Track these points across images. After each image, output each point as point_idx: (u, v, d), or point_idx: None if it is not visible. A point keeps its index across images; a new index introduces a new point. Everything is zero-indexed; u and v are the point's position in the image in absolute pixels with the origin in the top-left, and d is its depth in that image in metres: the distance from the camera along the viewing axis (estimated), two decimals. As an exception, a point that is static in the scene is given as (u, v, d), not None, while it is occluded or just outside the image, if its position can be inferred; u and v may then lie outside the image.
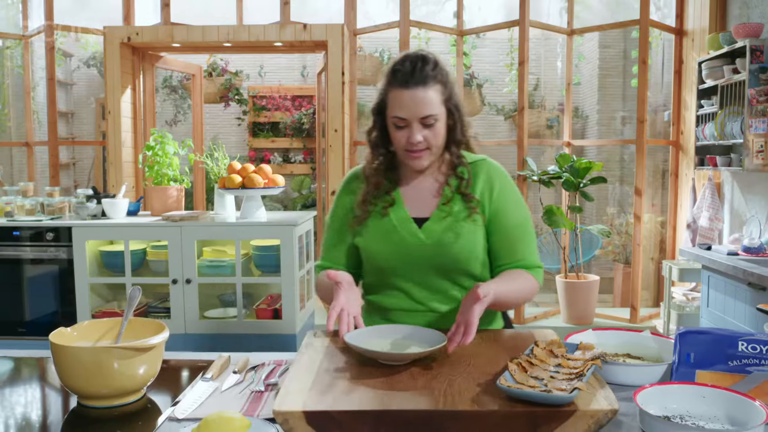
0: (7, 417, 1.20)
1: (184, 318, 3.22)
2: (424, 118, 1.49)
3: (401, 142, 1.52)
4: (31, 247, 3.27)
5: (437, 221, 1.56)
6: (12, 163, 6.56)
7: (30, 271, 3.30)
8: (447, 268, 1.56)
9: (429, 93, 1.48)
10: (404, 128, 1.51)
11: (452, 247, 1.54)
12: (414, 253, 1.55)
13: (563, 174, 4.42)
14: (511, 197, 1.61)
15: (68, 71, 7.13)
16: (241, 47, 4.78)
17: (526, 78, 4.53)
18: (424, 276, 1.57)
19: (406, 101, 1.48)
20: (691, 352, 1.27)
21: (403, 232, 1.56)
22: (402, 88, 1.48)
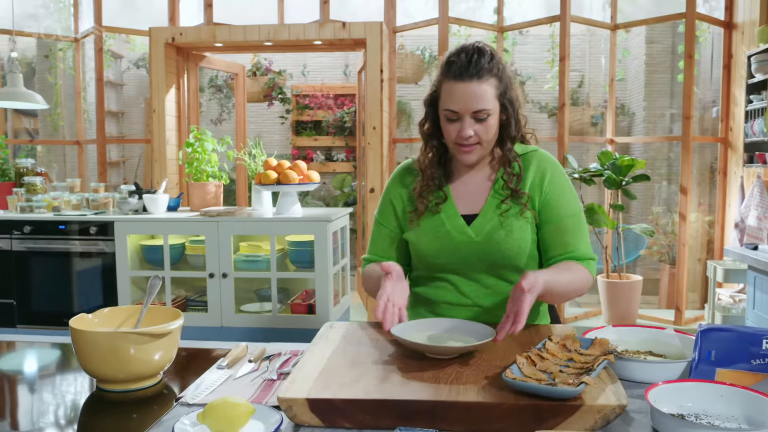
0: (32, 400, 1.24)
1: (220, 311, 3.28)
2: (477, 112, 1.45)
3: (452, 136, 1.50)
4: (76, 241, 3.39)
5: (486, 218, 1.54)
6: (65, 161, 6.81)
7: (76, 264, 3.42)
8: (496, 265, 1.55)
9: (483, 87, 1.44)
10: (456, 121, 1.48)
11: (501, 244, 1.52)
12: (463, 250, 1.54)
13: (605, 171, 4.33)
14: (563, 187, 1.57)
15: (119, 72, 7.35)
16: (281, 46, 4.84)
17: (567, 74, 4.45)
18: (473, 271, 1.57)
19: (459, 94, 1.45)
20: (712, 350, 1.23)
21: (452, 229, 1.55)
22: (456, 80, 1.45)
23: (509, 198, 1.54)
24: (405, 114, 7.10)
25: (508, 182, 1.55)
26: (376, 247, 1.67)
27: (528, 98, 6.64)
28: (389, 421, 1.03)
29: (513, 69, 6.38)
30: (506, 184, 1.55)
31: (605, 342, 1.23)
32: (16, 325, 3.44)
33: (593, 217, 4.35)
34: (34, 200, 3.50)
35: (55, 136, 6.29)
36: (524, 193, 1.54)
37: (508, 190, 1.55)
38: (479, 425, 1.02)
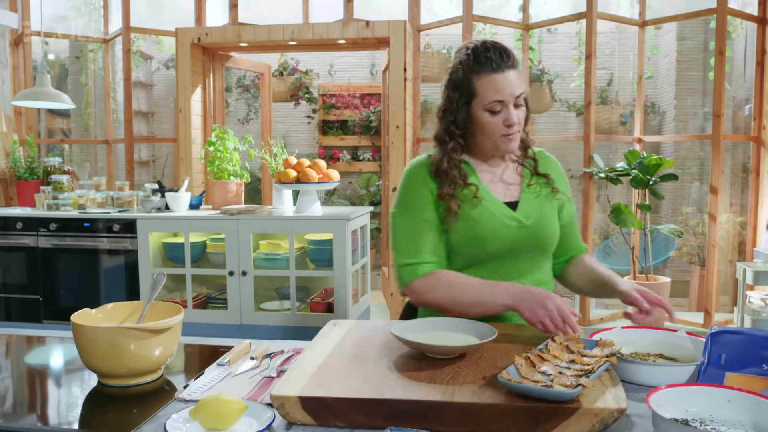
0: (35, 394, 1.26)
1: (240, 309, 3.30)
2: (518, 97, 1.52)
3: (498, 127, 1.53)
4: (100, 238, 3.44)
5: (528, 204, 1.60)
6: (96, 160, 6.93)
7: (100, 261, 3.48)
8: (538, 249, 1.60)
9: (518, 75, 1.53)
10: (499, 113, 1.52)
11: (547, 228, 1.60)
12: (514, 236, 1.56)
13: (632, 171, 4.24)
14: (569, 188, 1.71)
15: (148, 73, 7.46)
16: (305, 45, 4.85)
17: (593, 72, 4.37)
18: (514, 260, 1.59)
19: (501, 84, 1.50)
20: (722, 353, 1.18)
21: (501, 216, 1.56)
22: (494, 72, 1.50)
23: (541, 183, 1.63)
24: (431, 113, 7.06)
25: (536, 167, 1.64)
26: (425, 245, 1.55)
27: (556, 97, 6.54)
28: (382, 421, 1.02)
29: (540, 67, 6.31)
30: (534, 168, 1.64)
31: (609, 344, 1.19)
32: (42, 320, 3.51)
33: (620, 217, 4.27)
34: (61, 198, 3.57)
35: (86, 135, 6.41)
36: (549, 176, 1.64)
37: (537, 176, 1.63)
38: (474, 426, 1.00)
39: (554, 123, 6.67)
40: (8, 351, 1.55)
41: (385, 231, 4.85)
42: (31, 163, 3.85)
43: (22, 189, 3.78)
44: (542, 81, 6.17)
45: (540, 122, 6.70)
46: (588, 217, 4.44)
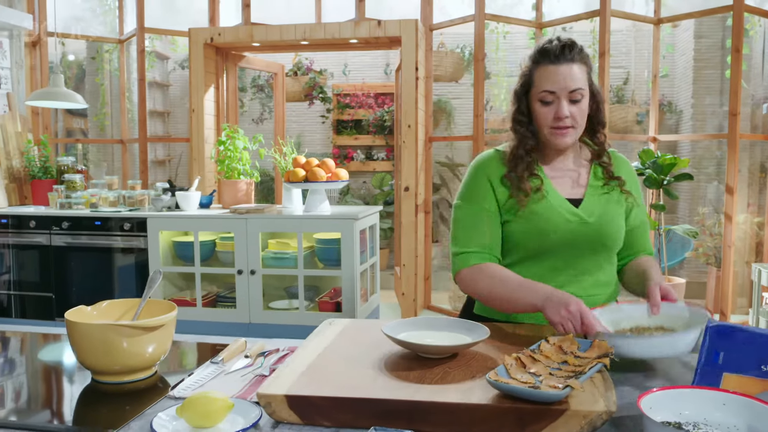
0: (30, 390, 1.27)
1: (248, 308, 3.31)
2: (573, 92, 1.51)
3: (548, 119, 1.54)
4: (111, 237, 3.47)
5: (593, 202, 1.59)
6: (113, 159, 7.00)
7: (111, 259, 3.51)
8: (600, 247, 1.58)
9: (578, 69, 1.52)
10: (551, 104, 1.53)
11: (611, 225, 1.58)
12: (574, 231, 1.55)
13: (646, 171, 4.19)
14: (640, 193, 1.70)
15: (165, 73, 7.52)
16: (317, 45, 4.86)
17: (606, 71, 4.33)
18: (574, 257, 1.57)
19: (555, 75, 1.51)
20: (720, 351, 1.15)
21: (563, 211, 1.56)
22: (551, 64, 1.52)
23: (609, 184, 1.61)
24: (444, 112, 7.03)
25: (608, 168, 1.61)
26: (480, 236, 1.57)
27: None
28: (368, 421, 1.01)
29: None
30: (605, 170, 1.61)
31: (603, 345, 1.17)
32: (55, 318, 3.55)
33: (633, 217, 4.22)
34: (73, 197, 3.61)
35: (102, 135, 6.47)
36: (623, 180, 1.61)
37: (607, 177, 1.61)
38: (460, 427, 0.99)
39: (569, 122, 6.61)
40: (12, 348, 1.56)
41: (398, 231, 4.84)
42: (44, 163, 3.89)
43: (36, 188, 3.83)
44: (557, 80, 6.11)
45: (555, 121, 6.64)
46: (601, 217, 4.39)
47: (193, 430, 1.01)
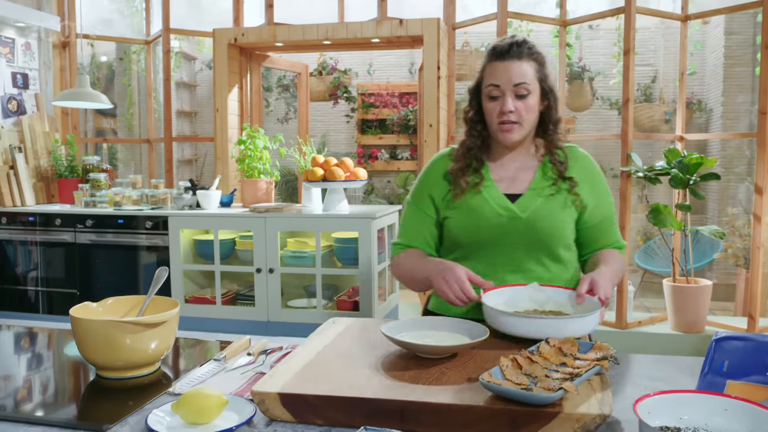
0: (34, 386, 1.30)
1: (267, 306, 3.33)
2: (517, 86, 1.54)
3: (494, 114, 1.57)
4: (133, 235, 3.53)
5: (531, 198, 1.60)
6: (141, 158, 7.11)
7: (133, 257, 3.56)
8: (536, 244, 1.59)
9: (523, 65, 1.55)
10: (497, 98, 1.56)
11: (545, 221, 1.57)
12: (506, 226, 1.58)
13: (671, 170, 4.11)
14: (605, 186, 1.70)
15: (192, 73, 7.61)
16: (339, 45, 4.86)
17: (631, 68, 4.25)
18: (510, 252, 1.60)
19: (500, 70, 1.55)
20: (725, 360, 1.13)
21: (496, 206, 1.59)
22: (498, 60, 1.56)
23: (557, 183, 1.61)
24: (470, 112, 6.99)
25: (557, 166, 1.62)
26: (412, 230, 1.69)
27: (597, 95, 6.40)
28: (360, 420, 1.01)
29: (581, 64, 6.18)
30: (555, 167, 1.62)
31: (605, 347, 1.15)
32: (79, 313, 3.62)
33: (658, 217, 4.14)
34: (98, 195, 3.67)
35: (131, 135, 6.58)
36: (573, 180, 1.61)
37: (555, 175, 1.62)
38: (452, 428, 0.98)
39: (595, 121, 6.52)
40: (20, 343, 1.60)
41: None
42: (71, 162, 3.97)
43: (63, 186, 3.90)
44: (583, 78, 6.04)
45: (581, 120, 6.56)
46: (625, 218, 4.32)
47: (188, 426, 1.02)
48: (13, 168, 3.74)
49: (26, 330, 1.67)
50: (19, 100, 3.95)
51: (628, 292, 4.36)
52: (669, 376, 1.26)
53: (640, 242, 6.19)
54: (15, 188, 3.72)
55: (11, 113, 3.90)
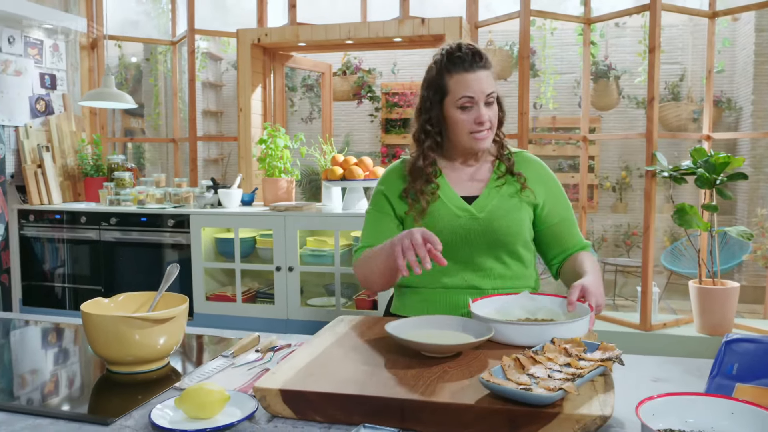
0: (47, 380, 1.32)
1: (286, 304, 3.35)
2: (489, 95, 1.59)
3: (467, 124, 1.60)
4: (156, 233, 3.57)
5: (487, 198, 1.65)
6: (168, 158, 7.21)
7: (156, 255, 3.61)
8: (496, 243, 1.62)
9: (489, 75, 1.61)
10: (470, 109, 1.59)
11: (503, 220, 1.62)
12: (465, 227, 1.62)
13: (697, 170, 4.03)
14: (559, 189, 1.73)
15: (218, 73, 7.70)
16: (362, 44, 4.87)
17: (656, 66, 4.18)
18: (471, 252, 1.63)
19: (472, 82, 1.58)
20: (735, 363, 1.11)
21: (454, 208, 1.64)
22: (468, 72, 1.58)
23: (509, 182, 1.66)
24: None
25: (508, 168, 1.67)
26: (372, 233, 1.70)
27: (623, 93, 6.31)
28: (360, 418, 1.01)
29: (607, 63, 6.10)
30: (506, 169, 1.67)
31: (610, 348, 1.14)
32: (103, 310, 3.68)
33: (684, 218, 4.07)
34: (122, 194, 3.73)
35: (157, 134, 6.68)
36: (523, 175, 1.66)
37: (508, 175, 1.67)
38: (450, 428, 0.98)
39: (621, 120, 6.44)
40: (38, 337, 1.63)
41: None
42: (96, 161, 4.04)
43: (89, 185, 3.97)
44: (609, 77, 5.97)
45: (607, 119, 6.48)
46: (650, 218, 4.26)
47: (191, 421, 1.04)
48: (41, 167, 3.82)
49: (53, 325, 1.71)
50: (47, 101, 4.03)
51: (652, 293, 4.29)
52: (678, 378, 1.24)
53: (666, 243, 6.09)
54: (42, 186, 3.80)
55: (39, 113, 3.98)
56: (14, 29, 3.80)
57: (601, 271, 1.62)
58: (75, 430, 1.03)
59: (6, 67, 3.74)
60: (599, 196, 6.87)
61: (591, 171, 6.88)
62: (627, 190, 6.67)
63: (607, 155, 6.72)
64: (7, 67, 3.75)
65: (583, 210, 4.83)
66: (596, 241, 6.81)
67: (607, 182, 6.80)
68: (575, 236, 1.71)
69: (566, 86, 6.52)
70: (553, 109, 6.00)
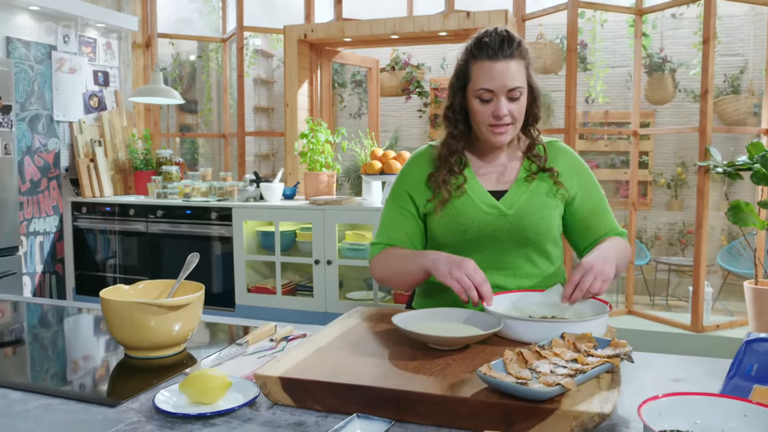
0: (69, 363, 1.37)
1: (325, 297, 3.38)
2: (512, 90, 1.49)
3: (485, 117, 1.51)
4: (200, 225, 3.66)
5: (517, 194, 1.57)
6: (220, 153, 7.37)
7: (200, 246, 3.70)
8: (525, 241, 1.55)
9: (516, 66, 1.49)
10: (489, 102, 1.50)
11: (532, 218, 1.54)
12: (493, 224, 1.55)
13: (753, 165, 3.86)
14: (592, 179, 1.65)
15: (269, 70, 7.81)
16: (407, 39, 4.86)
17: (711, 58, 4.02)
18: (497, 250, 1.57)
19: (493, 73, 1.47)
20: (755, 364, 1.05)
21: (481, 204, 1.56)
22: (490, 60, 1.47)
23: (541, 178, 1.58)
24: (543, 105, 6.81)
25: (537, 161, 1.58)
26: (393, 228, 1.62)
27: (679, 87, 6.09)
28: (357, 407, 1.00)
29: (662, 55, 5.90)
30: (536, 163, 1.58)
31: (622, 344, 1.10)
32: (150, 299, 3.80)
33: (738, 215, 3.90)
34: (169, 187, 3.84)
35: (209, 130, 6.84)
36: (557, 171, 1.58)
37: (540, 171, 1.57)
38: (446, 420, 0.96)
39: (677, 114, 6.22)
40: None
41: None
42: (146, 155, 4.17)
43: (138, 178, 4.11)
44: (664, 69, 5.77)
45: (662, 113, 6.27)
46: (702, 215, 4.10)
47: (193, 405, 1.05)
48: (93, 161, 3.97)
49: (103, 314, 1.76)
50: (100, 97, 4.18)
51: (704, 293, 4.13)
52: (700, 379, 1.19)
53: (724, 242, 5.86)
54: (95, 180, 3.95)
55: (93, 109, 4.13)
56: (69, 28, 3.96)
57: (622, 249, 1.54)
58: (83, 410, 1.06)
59: (61, 65, 3.90)
60: (653, 192, 6.66)
61: (645, 167, 6.67)
62: (683, 186, 6.43)
63: (662, 151, 6.51)
64: (62, 65, 3.90)
65: (633, 207, 4.69)
66: (649, 239, 6.61)
67: (662, 178, 6.58)
68: (608, 224, 1.62)
69: (619, 80, 6.33)
70: (604, 103, 5.85)
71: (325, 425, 0.98)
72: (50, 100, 3.85)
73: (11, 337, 1.46)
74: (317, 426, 0.98)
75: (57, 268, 3.97)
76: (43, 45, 3.80)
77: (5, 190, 3.26)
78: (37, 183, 3.81)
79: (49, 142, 3.87)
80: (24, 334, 1.53)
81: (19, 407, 1.07)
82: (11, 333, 1.46)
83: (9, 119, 3.23)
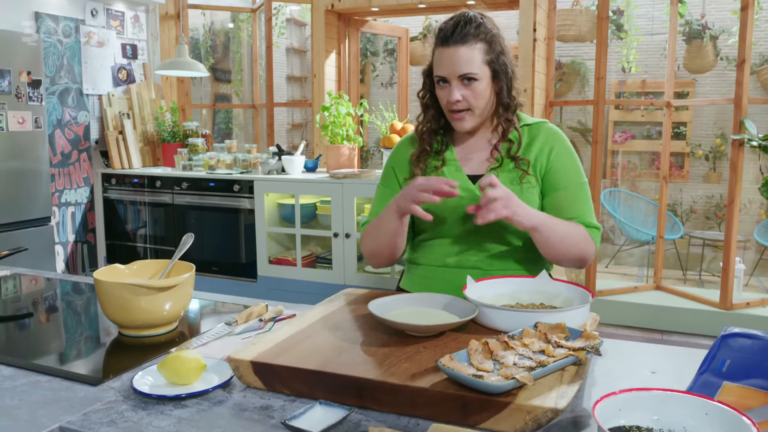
0: (66, 340, 1.43)
1: (343, 270, 3.42)
2: (462, 76, 1.49)
3: (443, 102, 1.55)
4: (222, 197, 3.72)
5: None
6: (253, 123, 7.43)
7: (223, 218, 3.77)
8: (497, 226, 1.53)
9: (468, 51, 1.47)
10: (446, 87, 1.52)
11: None
12: (466, 206, 1.53)
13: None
14: (569, 158, 1.60)
15: (302, 39, 7.79)
16: (435, 8, 4.78)
17: (749, 26, 3.86)
18: (475, 232, 1.57)
19: (445, 59, 1.50)
20: (727, 360, 1.03)
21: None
22: (443, 46, 1.50)
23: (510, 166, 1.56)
24: (579, 75, 6.65)
25: (509, 150, 1.57)
26: (378, 210, 1.67)
27: (721, 55, 5.85)
28: (322, 393, 1.03)
29: (702, 22, 5.66)
30: (507, 151, 1.57)
31: (593, 337, 1.09)
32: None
33: (772, 191, 3.78)
34: (194, 159, 3.90)
35: (241, 100, 6.89)
36: (525, 159, 1.56)
37: (509, 158, 1.57)
38: (405, 409, 0.98)
39: (719, 84, 5.98)
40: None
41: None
42: (173, 127, 4.23)
43: (166, 150, 4.18)
44: (703, 37, 5.55)
45: (702, 83, 6.05)
46: (735, 191, 3.98)
47: (169, 386, 1.09)
48: (122, 133, 4.05)
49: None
50: (128, 70, 4.25)
51: (734, 270, 4.03)
52: (673, 369, 1.18)
53: (763, 217, 5.67)
54: (123, 152, 4.04)
55: (121, 82, 4.20)
56: (97, 2, 4.02)
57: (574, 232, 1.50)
58: (66, 388, 1.11)
59: (90, 39, 3.97)
60: (690, 164, 6.46)
61: (683, 138, 6.47)
62: (722, 158, 6.22)
63: (701, 121, 6.28)
64: (90, 39, 3.97)
65: (665, 180, 4.58)
66: (684, 212, 6.44)
67: (700, 150, 6.37)
68: (577, 210, 1.54)
69: (657, 48, 6.12)
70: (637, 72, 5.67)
71: (290, 409, 1.01)
72: (79, 73, 3.94)
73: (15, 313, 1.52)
74: (282, 410, 1.01)
75: (89, 238, 4.10)
76: (71, 19, 3.87)
77: (37, 162, 3.36)
78: (68, 155, 3.93)
79: (78, 115, 3.97)
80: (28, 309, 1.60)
81: (9, 384, 1.13)
82: (15, 308, 1.53)
83: (39, 93, 3.32)
